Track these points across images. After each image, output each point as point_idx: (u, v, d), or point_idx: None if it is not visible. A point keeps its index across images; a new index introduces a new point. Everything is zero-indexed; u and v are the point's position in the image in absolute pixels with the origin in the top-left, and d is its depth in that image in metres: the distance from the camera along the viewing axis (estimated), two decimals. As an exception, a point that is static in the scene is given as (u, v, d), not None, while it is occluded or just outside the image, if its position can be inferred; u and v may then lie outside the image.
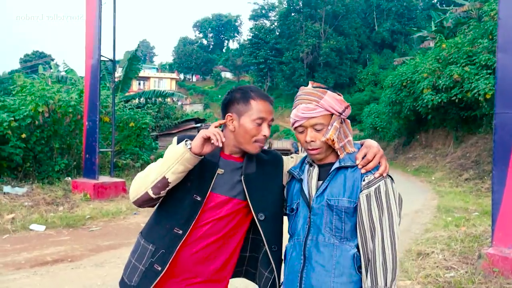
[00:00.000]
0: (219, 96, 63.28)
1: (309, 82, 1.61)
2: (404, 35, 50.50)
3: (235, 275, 1.75)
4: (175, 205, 1.58)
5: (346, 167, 1.51)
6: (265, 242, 1.60)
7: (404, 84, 17.63)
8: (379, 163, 1.51)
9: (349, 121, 1.63)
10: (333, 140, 1.49)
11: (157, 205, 1.64)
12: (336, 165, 1.52)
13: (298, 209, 1.59)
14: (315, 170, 1.59)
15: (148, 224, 1.68)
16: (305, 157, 1.70)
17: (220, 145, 1.43)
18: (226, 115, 1.61)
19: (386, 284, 1.39)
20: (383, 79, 25.84)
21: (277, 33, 57.79)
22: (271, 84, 57.46)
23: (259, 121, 1.56)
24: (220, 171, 1.60)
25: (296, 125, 1.56)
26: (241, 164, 1.63)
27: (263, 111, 1.57)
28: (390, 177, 1.52)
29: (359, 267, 1.45)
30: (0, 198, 7.30)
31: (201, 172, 1.57)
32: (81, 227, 6.54)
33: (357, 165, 1.50)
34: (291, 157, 1.80)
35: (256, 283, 1.73)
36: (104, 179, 9.15)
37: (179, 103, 40.65)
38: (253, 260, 1.72)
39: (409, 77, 17.26)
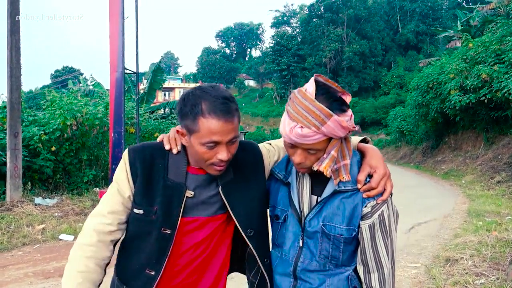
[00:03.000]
0: (243, 104, 63.70)
1: (313, 77, 1.25)
2: (430, 36, 49.59)
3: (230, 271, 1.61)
4: (141, 241, 1.33)
5: (345, 191, 1.31)
6: (257, 258, 1.39)
7: (430, 85, 17.24)
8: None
9: (350, 138, 1.37)
10: (326, 172, 1.26)
11: (123, 243, 1.43)
12: (333, 187, 1.31)
13: (286, 220, 1.41)
14: (307, 181, 1.38)
15: (118, 259, 1.44)
16: None
17: None
18: (176, 126, 1.34)
19: None
20: (409, 82, 25.35)
21: (299, 39, 57.84)
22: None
23: (211, 144, 1.21)
24: (189, 193, 1.31)
25: (285, 139, 1.28)
26: (213, 176, 1.34)
27: (215, 133, 1.19)
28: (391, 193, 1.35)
29: (354, 287, 1.36)
30: (31, 209, 7.55)
31: (166, 198, 1.29)
32: (108, 236, 6.68)
33: (358, 189, 1.30)
34: (272, 147, 1.51)
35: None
36: (130, 189, 9.33)
37: (204, 112, 41.14)
38: (239, 259, 1.55)
39: (435, 79, 16.86)
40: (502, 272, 4.17)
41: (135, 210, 1.32)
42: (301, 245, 1.37)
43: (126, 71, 9.47)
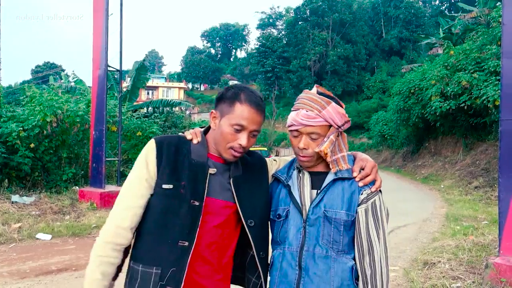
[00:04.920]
0: (227, 105, 63.52)
1: (315, 85, 1.55)
2: (412, 42, 50.34)
3: None
4: (172, 215, 1.43)
5: (343, 179, 1.50)
6: (253, 249, 1.52)
7: (412, 91, 17.55)
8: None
9: (345, 134, 1.58)
10: (326, 153, 1.47)
11: (146, 224, 1.48)
12: (333, 176, 1.50)
13: (287, 216, 1.54)
14: (307, 178, 1.55)
15: (140, 247, 1.48)
16: (292, 162, 1.65)
17: None
18: (211, 110, 1.53)
19: None
20: (391, 87, 25.72)
21: (285, 42, 58.03)
22: (278, 92, 57.52)
23: (238, 127, 1.43)
24: (212, 170, 1.49)
25: (292, 128, 1.51)
26: (228, 166, 1.54)
27: (245, 118, 1.43)
28: (380, 191, 1.54)
29: (357, 279, 1.46)
30: (8, 207, 7.37)
31: (193, 174, 1.46)
32: (87, 236, 6.57)
33: (354, 178, 1.50)
34: (274, 160, 1.74)
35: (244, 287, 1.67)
36: (110, 188, 9.20)
37: (187, 112, 40.84)
38: (241, 265, 1.64)
39: (417, 84, 17.18)
40: (478, 275, 4.26)
41: (164, 186, 1.44)
42: (303, 234, 1.49)
43: (109, 68, 9.35)
